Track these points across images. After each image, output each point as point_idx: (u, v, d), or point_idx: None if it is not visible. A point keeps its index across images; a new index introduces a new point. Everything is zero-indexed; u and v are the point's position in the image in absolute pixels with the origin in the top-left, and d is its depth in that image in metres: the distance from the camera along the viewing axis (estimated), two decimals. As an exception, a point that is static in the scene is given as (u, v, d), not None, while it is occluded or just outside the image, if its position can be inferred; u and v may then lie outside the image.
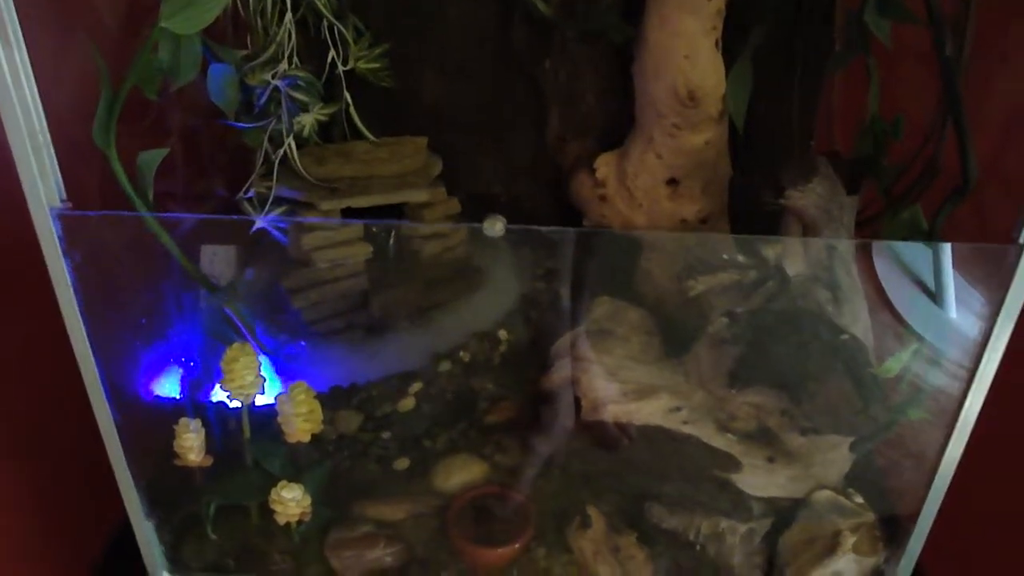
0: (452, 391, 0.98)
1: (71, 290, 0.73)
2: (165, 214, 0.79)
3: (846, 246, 0.81)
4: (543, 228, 0.83)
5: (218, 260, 1.03)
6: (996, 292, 0.68)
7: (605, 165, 1.03)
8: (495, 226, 0.73)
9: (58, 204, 0.70)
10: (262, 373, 0.84)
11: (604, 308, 1.02)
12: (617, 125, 1.04)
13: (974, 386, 0.73)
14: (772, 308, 0.85)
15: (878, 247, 0.83)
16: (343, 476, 0.94)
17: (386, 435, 0.96)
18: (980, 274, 0.72)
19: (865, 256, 0.87)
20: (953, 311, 0.76)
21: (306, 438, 0.85)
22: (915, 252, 0.81)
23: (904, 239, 0.81)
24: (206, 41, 0.87)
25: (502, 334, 1.02)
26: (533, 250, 1.10)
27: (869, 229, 0.88)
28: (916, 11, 0.78)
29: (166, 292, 0.87)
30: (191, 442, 0.84)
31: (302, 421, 0.84)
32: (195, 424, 0.84)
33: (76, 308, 0.74)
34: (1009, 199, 0.78)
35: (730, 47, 0.94)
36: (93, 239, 0.75)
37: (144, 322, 0.86)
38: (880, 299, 0.79)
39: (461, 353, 0.99)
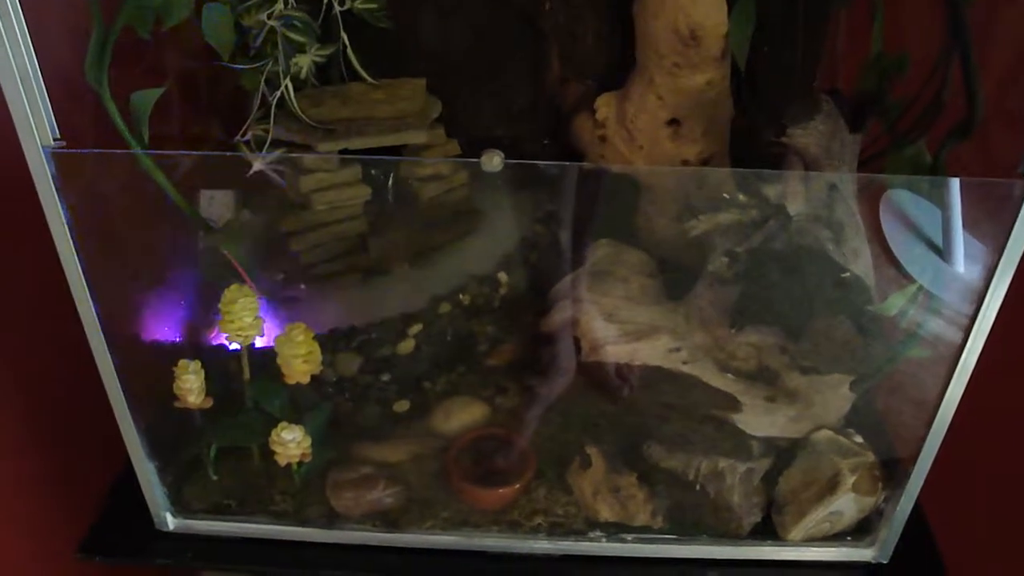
0: (452, 333, 0.98)
1: (67, 230, 0.72)
2: (161, 151, 0.78)
3: (847, 182, 0.79)
4: (540, 163, 0.82)
5: (216, 202, 1.03)
6: (1001, 228, 0.67)
7: (605, 106, 1.02)
8: (492, 160, 0.72)
9: (51, 143, 0.69)
10: (261, 315, 0.84)
11: (604, 250, 1.01)
12: (618, 66, 1.03)
13: (976, 324, 0.72)
14: (773, 247, 0.84)
15: (881, 183, 0.82)
16: (343, 418, 0.94)
17: (386, 377, 0.96)
18: (985, 210, 0.71)
19: (868, 194, 0.86)
20: (956, 248, 0.75)
21: (305, 379, 0.85)
22: (919, 188, 0.81)
23: (907, 175, 0.80)
24: (198, -23, 0.86)
25: (502, 276, 1.02)
26: (533, 192, 1.09)
27: (873, 167, 0.87)
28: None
29: (164, 233, 0.87)
30: (191, 384, 0.84)
31: (301, 362, 0.84)
32: (194, 366, 0.84)
33: (72, 249, 0.73)
34: (1015, 134, 0.77)
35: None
36: (88, 178, 0.74)
37: (142, 263, 0.86)
38: (882, 237, 0.78)
39: (461, 295, 0.99)
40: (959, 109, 0.79)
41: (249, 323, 0.83)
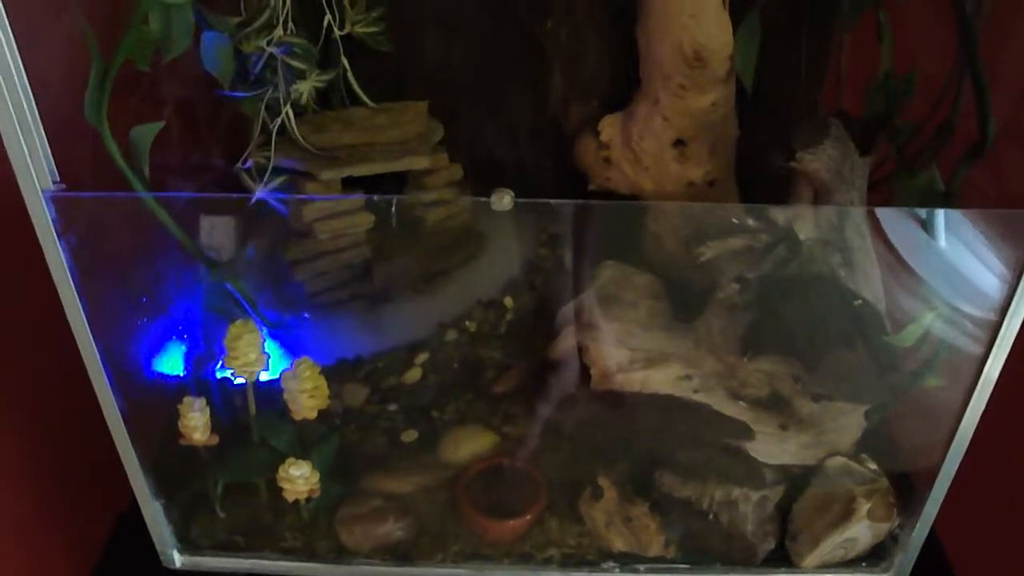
0: (459, 361, 0.97)
1: (67, 272, 0.71)
2: (163, 193, 0.77)
3: (860, 213, 0.78)
4: (552, 200, 0.80)
5: (217, 232, 1.02)
6: (1017, 256, 0.66)
7: (610, 127, 1.01)
8: (503, 200, 0.71)
9: (51, 186, 0.68)
10: (266, 350, 0.83)
11: (610, 273, 1.00)
12: (622, 86, 1.02)
13: (994, 351, 0.71)
14: (783, 273, 0.83)
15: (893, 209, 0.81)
16: (351, 450, 0.93)
17: (393, 407, 0.95)
18: (1000, 236, 0.70)
19: (878, 218, 0.85)
20: (971, 275, 0.74)
21: (312, 415, 0.84)
22: (931, 213, 0.79)
23: (920, 202, 0.79)
24: (198, 8, 0.84)
25: (507, 301, 1.01)
26: (537, 215, 1.08)
27: (883, 189, 0.86)
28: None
29: (166, 269, 0.85)
30: (196, 421, 0.83)
31: (308, 398, 0.83)
32: (199, 403, 0.83)
33: (73, 290, 0.72)
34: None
35: (735, 3, 0.91)
36: (89, 219, 0.73)
37: (144, 300, 0.85)
38: (894, 262, 0.77)
39: (467, 322, 0.98)
40: (971, 130, 0.78)
41: (254, 359, 0.82)
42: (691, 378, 0.86)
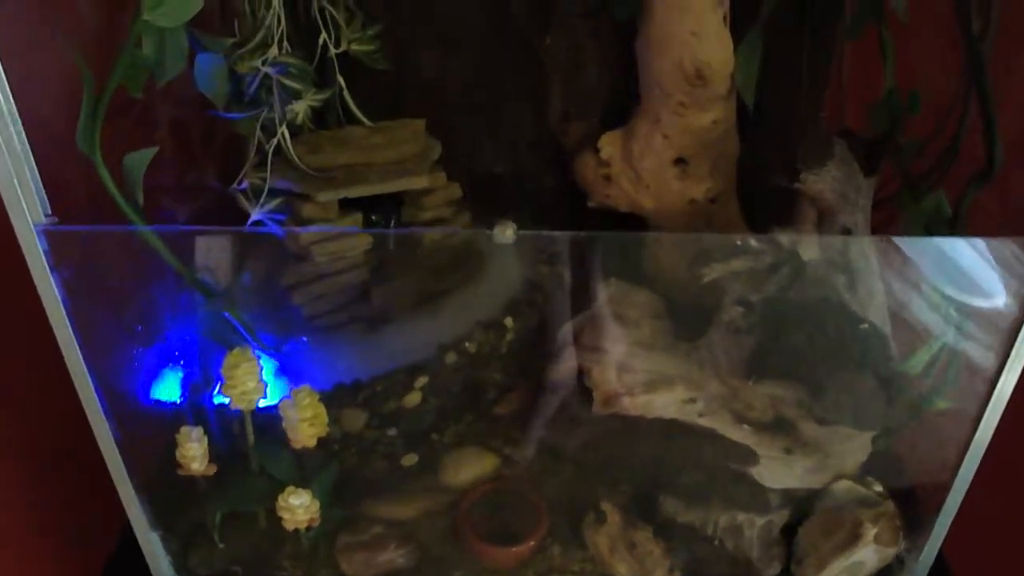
0: (459, 383, 0.96)
1: (60, 304, 0.70)
2: (157, 227, 0.75)
3: (867, 241, 0.77)
4: (555, 233, 0.79)
5: (214, 254, 1.01)
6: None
7: (610, 144, 1.00)
8: (505, 232, 0.70)
9: (42, 219, 0.67)
10: (264, 378, 0.82)
11: (612, 291, 0.99)
12: (622, 102, 1.01)
13: (1005, 372, 0.70)
14: (787, 296, 0.82)
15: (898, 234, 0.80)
16: (351, 475, 0.92)
17: (392, 431, 0.93)
18: (1009, 260, 0.69)
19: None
20: (980, 299, 0.73)
21: (312, 443, 0.83)
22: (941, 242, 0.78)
23: (927, 227, 0.78)
24: (191, 30, 0.83)
25: (508, 322, 1.00)
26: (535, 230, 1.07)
27: (887, 208, 0.85)
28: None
29: (161, 297, 0.84)
30: (194, 451, 0.81)
31: (307, 426, 0.82)
32: (197, 432, 0.82)
33: (67, 322, 0.71)
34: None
35: (736, 20, 0.90)
36: (82, 248, 0.72)
37: (140, 329, 0.83)
38: (900, 285, 0.76)
39: (467, 344, 0.96)
40: (978, 149, 0.77)
41: (252, 387, 0.81)
42: (695, 401, 0.85)
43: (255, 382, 0.81)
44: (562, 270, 1.07)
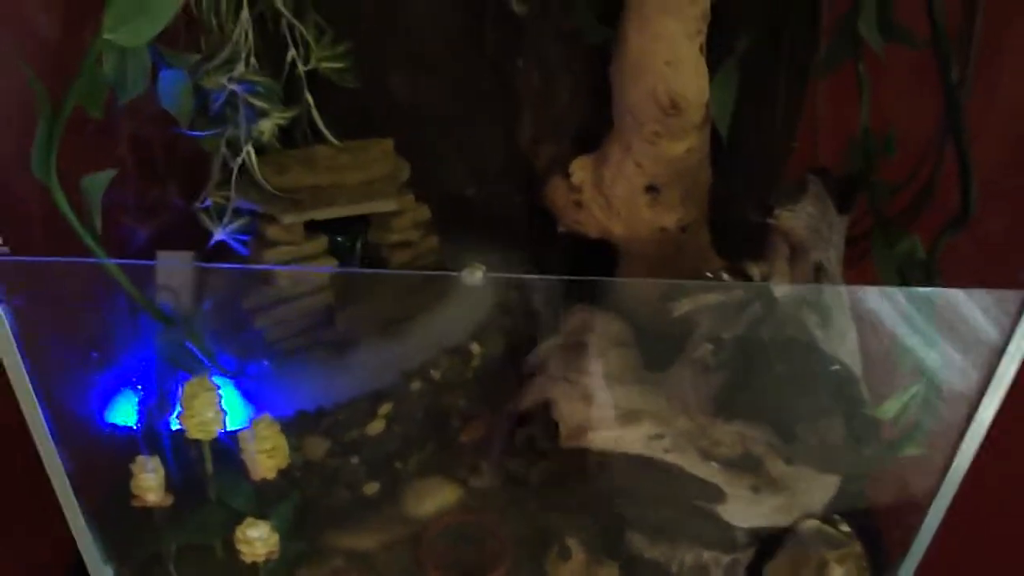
0: (423, 411, 0.94)
1: (10, 335, 0.67)
2: (117, 260, 0.73)
3: (837, 274, 0.77)
4: (526, 276, 0.78)
5: (175, 276, 0.98)
6: (1001, 332, 0.64)
7: (581, 170, 0.99)
8: (474, 275, 0.68)
9: (-7, 248, 0.65)
10: (223, 407, 0.79)
11: (580, 317, 0.98)
12: (593, 126, 0.99)
13: (977, 415, 0.70)
14: (758, 334, 0.81)
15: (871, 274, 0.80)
16: (311, 505, 0.89)
17: (355, 460, 0.91)
18: (983, 309, 0.68)
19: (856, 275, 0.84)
20: (952, 345, 0.72)
21: (271, 475, 0.81)
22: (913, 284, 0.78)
23: (900, 270, 0.77)
24: (155, 46, 0.81)
25: (475, 348, 0.98)
26: (504, 255, 1.06)
27: (861, 246, 0.85)
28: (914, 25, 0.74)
29: (117, 322, 0.81)
30: (149, 482, 0.79)
31: (266, 458, 0.80)
32: (152, 463, 0.79)
33: (16, 352, 0.68)
34: (1015, 227, 0.75)
35: (712, 50, 0.90)
36: (35, 277, 0.70)
37: (95, 356, 0.81)
38: (872, 325, 0.76)
39: (432, 371, 0.95)
40: (953, 192, 0.76)
41: (211, 418, 0.78)
42: (663, 437, 0.84)
43: (214, 412, 0.79)
44: (530, 295, 1.06)
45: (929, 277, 0.76)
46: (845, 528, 0.85)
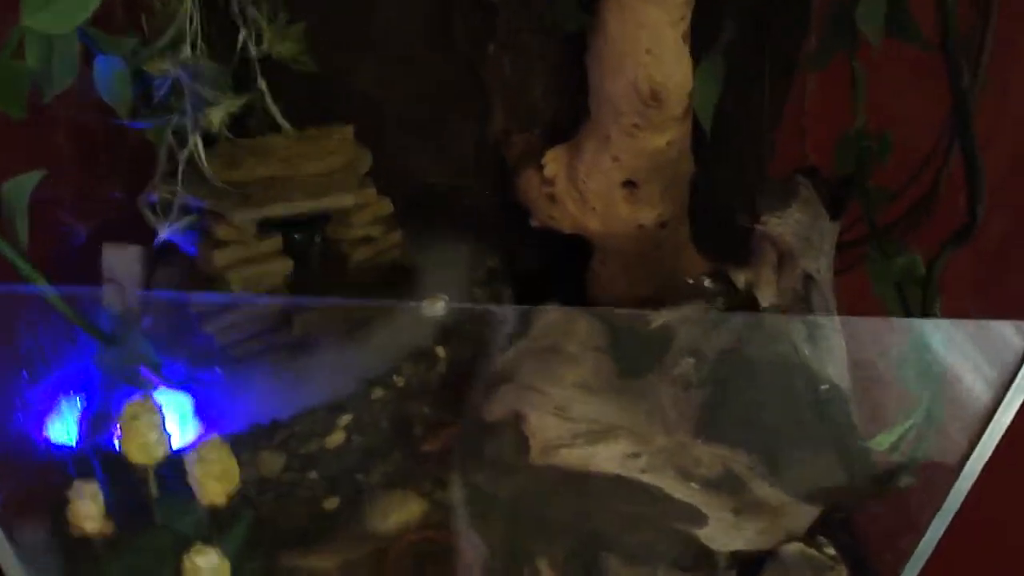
0: (386, 419, 0.89)
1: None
2: (64, 288, 0.66)
3: (828, 289, 0.72)
4: (493, 308, 0.72)
5: (121, 269, 0.92)
6: (1005, 365, 0.60)
7: (554, 162, 0.93)
8: (435, 305, 0.63)
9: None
10: (166, 428, 0.74)
11: (552, 317, 0.92)
12: (568, 116, 0.94)
13: (973, 457, 0.66)
14: (742, 348, 0.76)
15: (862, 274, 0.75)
16: (267, 523, 0.84)
17: (313, 475, 0.86)
18: (985, 340, 0.64)
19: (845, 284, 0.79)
20: (953, 374, 0.68)
21: (221, 500, 0.75)
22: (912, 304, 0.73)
23: (898, 287, 0.72)
24: (87, 31, 0.73)
25: (439, 351, 0.92)
26: (473, 250, 1.00)
27: (852, 254, 0.79)
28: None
29: (48, 334, 0.75)
30: (87, 509, 0.73)
31: (214, 482, 0.74)
32: (90, 488, 0.73)
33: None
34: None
35: (695, 38, 0.83)
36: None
37: (25, 375, 0.74)
38: (864, 345, 0.71)
39: (395, 377, 0.89)
40: (954, 199, 0.71)
41: (154, 440, 0.73)
42: (639, 456, 0.79)
43: (156, 434, 0.73)
44: (499, 291, 1.01)
45: (928, 297, 0.71)
46: (831, 551, 0.81)
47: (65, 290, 0.66)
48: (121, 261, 0.93)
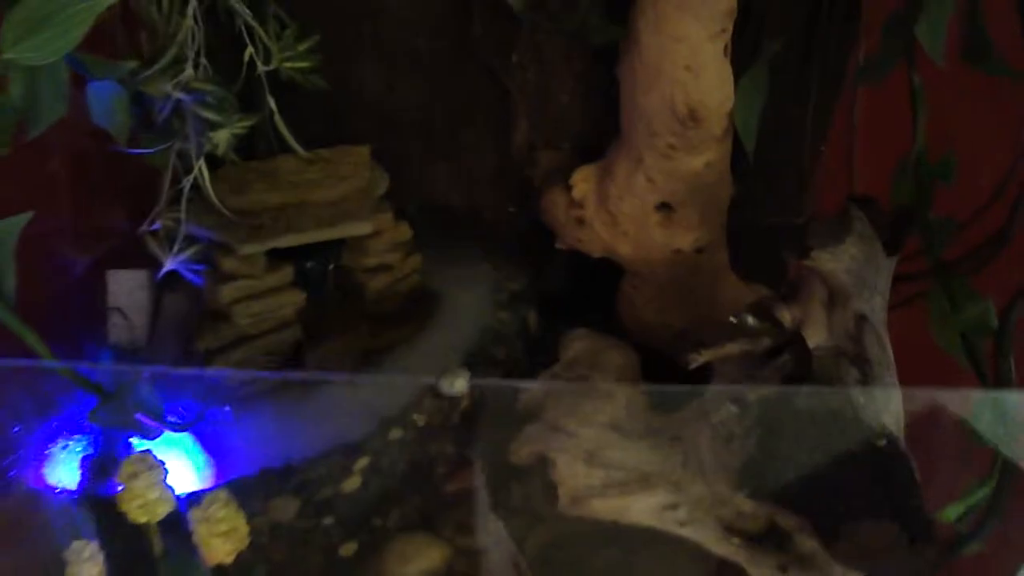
0: (405, 462, 0.83)
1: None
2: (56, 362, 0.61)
3: (881, 321, 0.65)
4: (519, 382, 0.66)
5: (128, 296, 0.88)
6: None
7: (583, 182, 0.87)
8: (455, 384, 0.57)
9: None
10: (169, 485, 0.69)
11: (582, 345, 0.87)
12: (597, 131, 0.87)
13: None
14: (788, 392, 0.70)
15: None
16: (280, 572, 0.79)
17: (329, 520, 0.81)
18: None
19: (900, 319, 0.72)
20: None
21: (229, 559, 0.70)
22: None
23: (964, 337, 0.66)
24: (77, 57, 0.68)
25: (460, 385, 0.86)
26: (496, 271, 0.94)
27: (906, 289, 0.73)
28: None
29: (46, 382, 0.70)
30: (88, 571, 0.68)
31: (222, 542, 0.69)
32: (90, 549, 0.69)
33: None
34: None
35: (736, 51, 0.77)
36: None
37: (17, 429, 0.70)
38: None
39: (415, 415, 0.84)
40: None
41: (155, 499, 0.68)
42: (677, 507, 0.73)
43: (159, 491, 0.68)
44: (526, 314, 0.95)
45: (1003, 352, 0.64)
46: (883, 611, 0.75)
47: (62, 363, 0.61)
48: (126, 288, 0.88)
